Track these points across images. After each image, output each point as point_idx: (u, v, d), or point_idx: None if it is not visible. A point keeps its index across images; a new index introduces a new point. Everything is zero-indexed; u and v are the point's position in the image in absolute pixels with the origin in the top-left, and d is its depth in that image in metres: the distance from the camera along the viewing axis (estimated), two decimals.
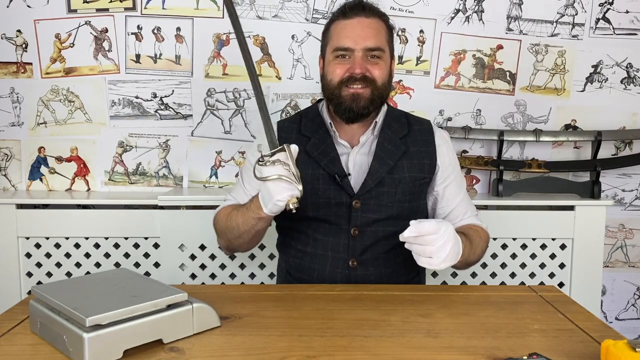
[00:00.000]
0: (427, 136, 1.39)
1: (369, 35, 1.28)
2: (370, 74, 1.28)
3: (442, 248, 1.08)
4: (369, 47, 1.27)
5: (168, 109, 2.00)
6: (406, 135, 1.37)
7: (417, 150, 1.36)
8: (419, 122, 1.42)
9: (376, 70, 1.29)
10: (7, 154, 2.01)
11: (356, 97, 1.28)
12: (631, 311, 2.16)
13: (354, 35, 1.28)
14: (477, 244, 1.30)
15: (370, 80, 1.28)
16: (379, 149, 1.34)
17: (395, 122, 1.39)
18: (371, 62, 1.29)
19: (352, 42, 1.28)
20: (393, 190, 1.32)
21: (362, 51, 1.27)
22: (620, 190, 2.09)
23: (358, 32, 1.28)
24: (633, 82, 2.03)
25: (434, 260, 1.09)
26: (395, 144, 1.35)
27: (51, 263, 1.89)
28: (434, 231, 1.07)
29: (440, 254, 1.08)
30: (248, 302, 1.11)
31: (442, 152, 1.38)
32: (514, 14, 1.98)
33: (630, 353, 0.74)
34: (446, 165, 1.39)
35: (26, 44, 1.95)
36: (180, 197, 1.87)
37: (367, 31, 1.28)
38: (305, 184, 1.31)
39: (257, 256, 1.92)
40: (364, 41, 1.27)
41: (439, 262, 1.09)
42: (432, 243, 1.08)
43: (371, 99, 1.29)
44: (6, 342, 0.91)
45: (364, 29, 1.28)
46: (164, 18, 1.95)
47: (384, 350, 0.87)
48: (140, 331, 0.86)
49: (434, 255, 1.08)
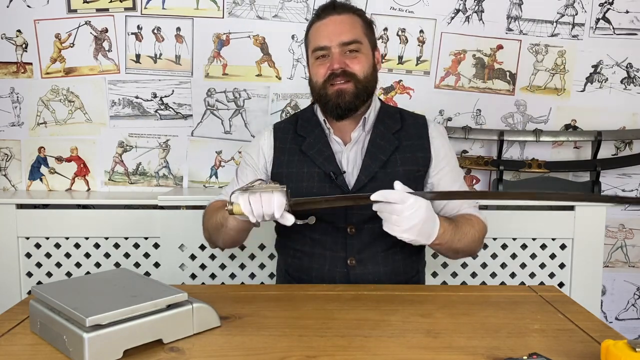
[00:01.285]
0: (420, 129, 1.39)
1: (343, 31, 1.30)
2: (350, 68, 1.29)
3: (407, 219, 1.09)
4: (344, 41, 1.29)
5: (168, 109, 2.00)
6: (399, 130, 1.37)
7: (411, 144, 1.36)
8: (413, 117, 1.42)
9: (355, 64, 1.30)
10: (7, 154, 2.01)
11: (340, 92, 1.29)
12: (631, 311, 2.16)
13: (328, 34, 1.30)
14: (466, 232, 1.27)
15: (351, 74, 1.29)
16: (371, 144, 1.34)
17: (389, 118, 1.39)
18: (349, 57, 1.30)
19: (327, 40, 1.30)
20: (387, 185, 1.32)
21: (339, 47, 1.29)
22: (620, 190, 2.09)
23: (331, 29, 1.30)
24: (633, 82, 2.03)
25: (397, 228, 1.10)
26: (387, 139, 1.35)
27: (51, 263, 1.89)
28: (400, 201, 1.08)
29: (404, 224, 1.09)
30: (248, 302, 1.11)
31: (436, 144, 1.38)
32: (514, 14, 1.98)
33: (630, 353, 0.74)
34: (440, 157, 1.37)
35: (26, 44, 1.95)
36: (180, 197, 1.87)
37: (340, 27, 1.30)
38: (301, 182, 1.32)
39: (257, 256, 1.92)
40: (338, 37, 1.29)
41: (401, 230, 1.10)
42: (398, 213, 1.09)
43: (355, 94, 1.30)
44: (6, 342, 0.91)
45: (336, 25, 1.31)
46: (164, 18, 1.95)
47: (384, 350, 0.87)
48: (140, 331, 0.86)
49: (398, 224, 1.10)
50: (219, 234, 1.33)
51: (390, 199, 1.08)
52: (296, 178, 1.34)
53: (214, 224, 1.33)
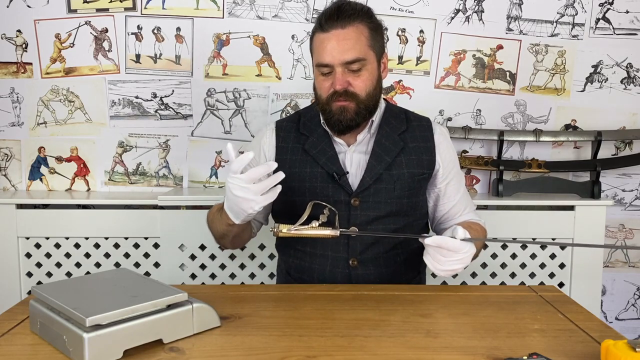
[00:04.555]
0: (426, 132, 1.39)
1: (346, 48, 1.24)
2: (352, 88, 1.26)
3: (454, 264, 1.10)
4: (347, 60, 1.24)
5: (168, 109, 2.00)
6: (405, 132, 1.37)
7: (416, 146, 1.36)
8: (418, 119, 1.42)
9: (358, 82, 1.26)
10: (7, 154, 2.01)
11: (343, 110, 1.27)
12: (631, 311, 2.16)
13: (330, 50, 1.25)
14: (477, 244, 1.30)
15: (352, 94, 1.26)
16: (377, 145, 1.34)
17: (394, 118, 1.39)
18: (353, 76, 1.26)
19: (330, 58, 1.25)
20: (391, 186, 1.32)
21: (341, 66, 1.25)
22: (620, 190, 2.09)
23: (334, 45, 1.24)
24: (633, 82, 2.03)
25: (439, 267, 1.10)
26: (393, 140, 1.35)
27: (51, 263, 1.89)
28: (456, 250, 1.08)
29: (449, 267, 1.10)
30: (248, 302, 1.11)
31: (442, 149, 1.38)
32: (514, 14, 1.98)
33: (630, 353, 0.74)
34: (447, 163, 1.39)
35: (26, 44, 1.95)
36: (180, 197, 1.87)
37: (343, 44, 1.24)
38: (304, 183, 1.32)
39: (257, 256, 1.92)
40: (342, 55, 1.24)
41: (444, 272, 1.11)
42: (448, 256, 1.09)
43: (356, 112, 1.28)
44: (6, 342, 0.91)
45: (339, 42, 1.24)
46: (164, 18, 1.95)
47: (384, 350, 0.87)
48: (140, 331, 0.86)
49: (444, 266, 1.10)
50: (224, 240, 1.36)
51: (445, 247, 1.08)
52: (299, 178, 1.34)
53: (218, 232, 1.34)
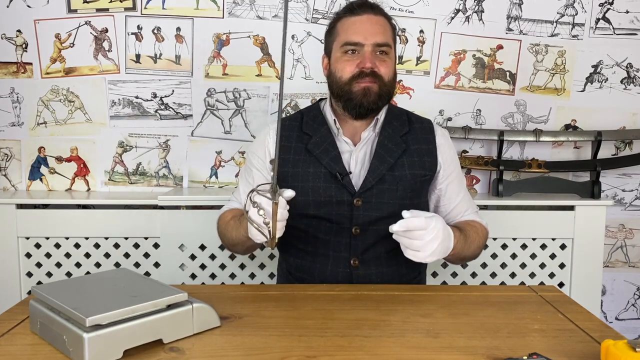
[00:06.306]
0: (428, 134, 1.40)
1: (378, 32, 1.30)
2: (378, 70, 1.30)
3: (429, 243, 1.11)
4: (378, 42, 1.29)
5: (168, 109, 2.00)
6: (407, 133, 1.38)
7: (418, 148, 1.37)
8: (419, 121, 1.43)
9: (383, 66, 1.31)
10: (7, 154, 2.01)
11: (367, 91, 1.29)
12: (631, 311, 2.16)
13: (363, 31, 1.30)
14: (473, 240, 1.31)
15: (378, 76, 1.30)
16: (380, 146, 1.34)
17: (396, 120, 1.40)
18: (379, 59, 1.31)
19: (362, 37, 1.29)
20: (394, 187, 1.32)
21: (372, 46, 1.29)
22: (620, 190, 2.09)
23: (367, 27, 1.30)
24: (633, 82, 2.03)
25: (420, 254, 1.11)
26: (395, 141, 1.35)
27: (51, 263, 1.89)
28: (423, 227, 1.10)
29: (427, 248, 1.11)
30: (248, 302, 1.11)
31: (444, 150, 1.40)
32: (514, 14, 1.98)
33: (630, 353, 0.74)
34: (448, 164, 1.40)
35: (26, 44, 1.95)
36: (180, 197, 1.87)
37: (375, 27, 1.30)
38: (307, 183, 1.32)
39: (257, 256, 1.92)
40: (374, 37, 1.29)
41: (424, 256, 1.12)
42: (420, 238, 1.10)
43: (379, 94, 1.31)
44: (6, 342, 0.91)
45: (372, 25, 1.30)
46: (164, 18, 1.95)
47: (384, 350, 0.87)
48: (140, 331, 0.86)
49: (421, 249, 1.11)
50: (235, 248, 1.37)
51: (412, 227, 1.09)
52: (302, 178, 1.33)
53: (231, 241, 1.34)
